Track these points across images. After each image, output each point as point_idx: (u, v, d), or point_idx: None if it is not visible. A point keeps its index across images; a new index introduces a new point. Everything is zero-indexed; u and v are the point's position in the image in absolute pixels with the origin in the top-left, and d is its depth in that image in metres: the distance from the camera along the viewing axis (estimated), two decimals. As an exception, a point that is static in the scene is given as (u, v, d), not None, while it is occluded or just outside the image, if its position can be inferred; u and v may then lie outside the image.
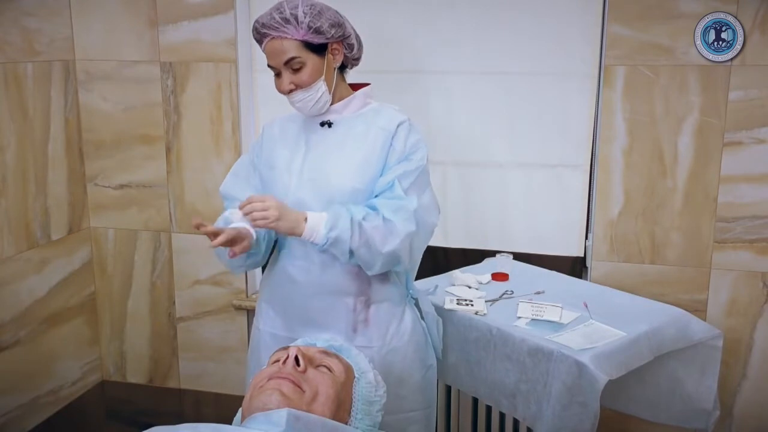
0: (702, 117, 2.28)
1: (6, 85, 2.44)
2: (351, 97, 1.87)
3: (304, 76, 1.78)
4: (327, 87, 1.80)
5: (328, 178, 1.80)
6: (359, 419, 1.29)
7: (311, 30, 1.76)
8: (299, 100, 1.80)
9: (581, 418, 1.74)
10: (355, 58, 1.91)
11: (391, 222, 1.74)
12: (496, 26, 2.43)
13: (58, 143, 2.69)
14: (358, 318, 1.86)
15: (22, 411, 2.60)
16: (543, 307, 2.00)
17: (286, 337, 1.89)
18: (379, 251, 1.74)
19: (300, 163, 1.84)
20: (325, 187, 1.80)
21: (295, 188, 1.82)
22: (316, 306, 1.86)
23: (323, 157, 1.83)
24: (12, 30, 2.46)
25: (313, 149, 1.85)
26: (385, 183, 1.79)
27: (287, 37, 1.76)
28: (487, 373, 1.95)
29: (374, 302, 1.86)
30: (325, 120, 1.86)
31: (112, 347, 2.97)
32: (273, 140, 1.92)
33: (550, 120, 2.45)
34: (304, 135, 1.88)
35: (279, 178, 1.86)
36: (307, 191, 1.81)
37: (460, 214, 2.59)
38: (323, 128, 1.86)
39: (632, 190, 2.38)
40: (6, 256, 2.48)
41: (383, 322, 1.87)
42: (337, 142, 1.84)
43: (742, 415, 2.44)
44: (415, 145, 1.84)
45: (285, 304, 1.90)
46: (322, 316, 1.86)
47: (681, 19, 2.23)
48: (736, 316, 2.37)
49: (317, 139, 1.86)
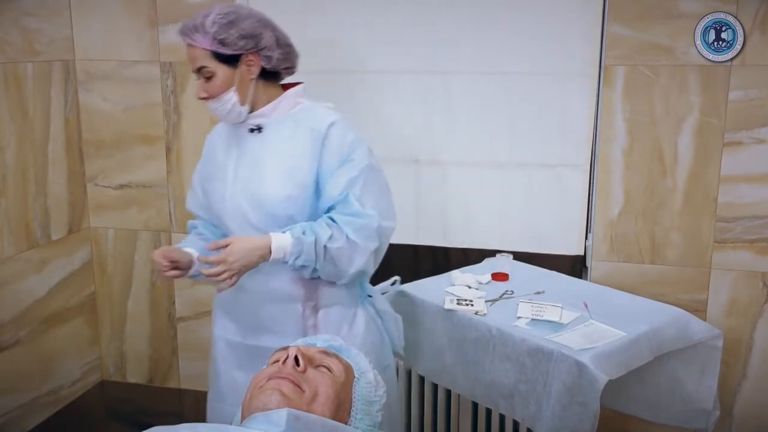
0: (702, 117, 2.28)
1: (6, 85, 2.44)
2: (279, 98, 1.83)
3: (213, 86, 1.75)
4: (239, 98, 1.76)
5: (261, 186, 1.78)
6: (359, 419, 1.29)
7: (216, 41, 1.72)
8: (213, 109, 1.79)
9: (581, 418, 1.74)
10: (285, 67, 1.84)
11: (355, 243, 1.73)
12: (496, 26, 2.43)
13: (58, 143, 2.69)
14: (308, 323, 1.85)
15: (22, 411, 2.60)
16: (543, 307, 2.00)
17: (239, 342, 1.91)
18: (346, 271, 1.76)
19: (233, 171, 1.83)
20: (260, 195, 1.78)
21: (231, 196, 1.81)
22: (265, 313, 1.86)
23: (255, 164, 1.81)
24: (12, 30, 2.46)
25: (244, 155, 1.83)
26: (337, 194, 1.74)
27: (197, 46, 1.73)
28: (485, 373, 1.95)
29: (323, 307, 1.85)
30: (253, 125, 1.82)
31: (112, 347, 2.97)
32: (212, 149, 1.91)
33: (550, 120, 2.45)
34: (236, 141, 1.85)
35: (216, 187, 1.85)
36: (243, 199, 1.80)
37: (460, 214, 2.59)
38: (252, 134, 1.83)
39: (632, 190, 2.38)
40: (6, 256, 2.48)
41: (333, 326, 1.86)
42: (268, 147, 1.80)
43: (742, 415, 2.44)
44: (352, 144, 1.78)
45: (236, 310, 1.91)
46: (272, 323, 1.86)
47: (681, 19, 2.23)
48: (736, 316, 2.37)
49: (248, 145, 1.83)
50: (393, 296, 2.20)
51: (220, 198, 1.84)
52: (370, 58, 2.56)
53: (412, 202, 2.62)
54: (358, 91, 2.58)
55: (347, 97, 2.60)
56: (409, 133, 2.58)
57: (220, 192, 1.84)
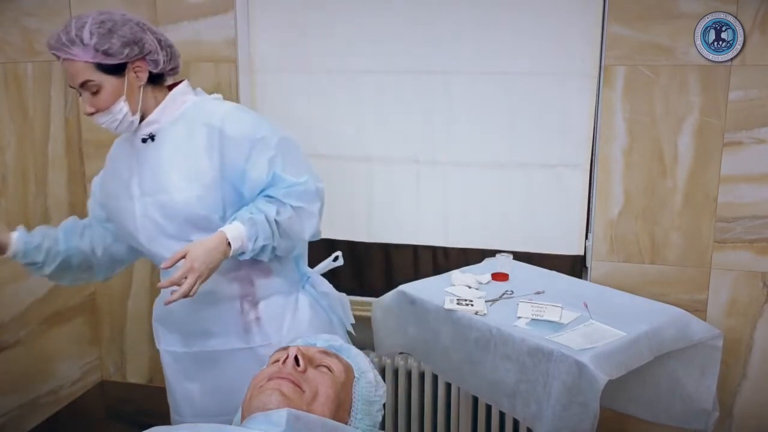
0: (702, 117, 2.28)
1: (6, 85, 2.44)
2: (165, 101, 1.77)
3: (101, 99, 1.67)
4: (130, 107, 1.71)
5: (170, 195, 1.73)
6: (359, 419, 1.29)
7: (99, 52, 1.63)
8: (102, 122, 1.72)
9: (581, 418, 1.74)
10: (171, 68, 1.79)
11: (301, 208, 1.73)
12: (496, 26, 2.43)
13: (58, 143, 2.69)
14: (248, 318, 1.84)
15: (22, 411, 2.60)
16: (543, 307, 2.00)
17: (184, 352, 1.90)
18: (302, 238, 1.78)
19: (138, 186, 1.78)
20: (171, 204, 1.73)
21: (141, 212, 1.77)
22: (204, 317, 1.84)
23: (156, 174, 1.75)
24: (12, 30, 2.46)
25: (144, 167, 1.77)
26: (264, 177, 1.71)
27: (76, 59, 1.64)
28: (487, 372, 1.95)
29: (261, 299, 1.85)
30: (145, 135, 1.77)
31: (112, 347, 2.97)
32: (114, 166, 1.87)
33: (550, 120, 2.45)
34: (134, 153, 1.79)
35: (123, 206, 1.80)
36: (155, 211, 1.76)
37: (460, 214, 2.59)
38: (146, 143, 1.77)
39: (632, 190, 2.38)
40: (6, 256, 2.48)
41: (277, 315, 1.86)
42: (165, 155, 1.75)
43: (742, 415, 2.44)
44: (252, 125, 1.74)
45: (174, 320, 1.89)
46: (213, 325, 1.85)
47: (681, 19, 2.23)
48: (736, 316, 2.37)
49: (144, 156, 1.77)
50: (394, 297, 2.20)
51: (131, 216, 1.79)
52: (370, 58, 2.56)
53: (412, 202, 2.62)
54: (359, 91, 2.58)
55: (348, 97, 2.60)
56: (409, 133, 2.58)
57: (128, 210, 1.79)
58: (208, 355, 1.89)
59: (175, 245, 1.71)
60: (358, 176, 2.64)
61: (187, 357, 1.91)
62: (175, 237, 1.75)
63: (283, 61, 2.60)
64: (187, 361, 1.92)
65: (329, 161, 2.59)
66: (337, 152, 2.61)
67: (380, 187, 2.64)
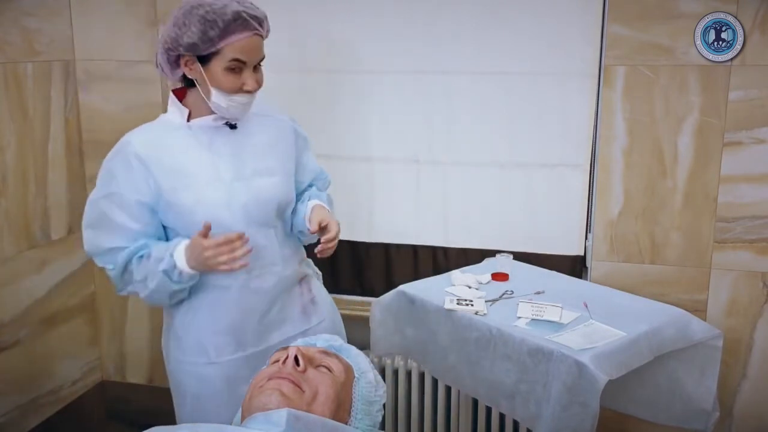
0: (702, 117, 2.28)
1: (6, 85, 2.44)
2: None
3: (261, 76, 1.77)
4: None
5: (269, 180, 1.82)
6: (359, 419, 1.29)
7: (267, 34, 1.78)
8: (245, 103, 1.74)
9: (581, 418, 1.74)
10: None
11: (329, 195, 2.06)
12: (496, 26, 2.43)
13: (58, 143, 2.69)
14: (305, 300, 1.94)
15: (22, 411, 2.60)
16: (543, 307, 2.00)
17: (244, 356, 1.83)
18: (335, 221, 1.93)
19: (228, 172, 1.77)
20: (263, 188, 1.80)
21: (233, 196, 1.76)
22: (275, 307, 1.86)
23: (245, 160, 1.79)
24: (12, 30, 2.46)
25: (228, 154, 1.78)
26: (317, 170, 2.03)
27: (263, 36, 1.74)
28: (486, 373, 1.95)
29: (306, 281, 1.97)
30: (231, 122, 1.81)
31: (112, 347, 2.97)
32: (160, 161, 1.73)
33: (550, 120, 2.45)
34: (206, 142, 1.77)
35: (207, 194, 1.74)
36: (246, 196, 1.77)
37: (460, 214, 2.59)
38: (230, 130, 1.80)
39: (632, 190, 2.38)
40: (6, 256, 2.48)
41: (323, 294, 2.01)
42: (249, 142, 1.82)
43: (742, 415, 2.44)
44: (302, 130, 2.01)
45: (244, 322, 1.82)
46: (279, 314, 1.87)
47: (681, 19, 2.23)
48: (736, 316, 2.37)
49: (226, 144, 1.79)
50: (393, 296, 2.20)
51: (220, 200, 1.74)
52: (370, 58, 2.56)
53: (412, 202, 2.62)
54: (359, 91, 2.58)
55: (348, 97, 2.60)
56: (409, 133, 2.58)
57: (217, 196, 1.74)
58: (268, 352, 1.84)
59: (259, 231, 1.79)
60: (359, 176, 2.64)
61: (246, 362, 1.83)
62: (261, 223, 1.81)
63: (283, 61, 2.60)
64: (246, 367, 1.81)
65: (329, 161, 2.58)
66: (337, 152, 2.61)
67: (380, 187, 2.64)
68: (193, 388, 1.88)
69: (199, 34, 1.63)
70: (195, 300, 1.82)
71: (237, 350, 1.84)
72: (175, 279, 1.70)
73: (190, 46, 1.66)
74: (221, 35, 1.64)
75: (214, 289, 1.80)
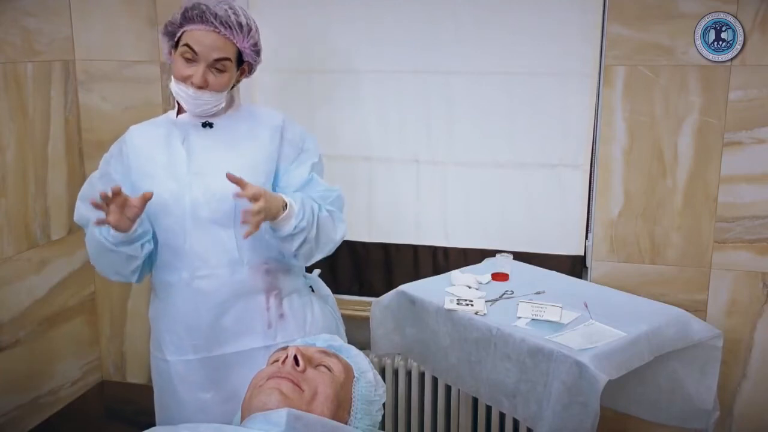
0: (702, 117, 2.28)
1: (6, 85, 2.44)
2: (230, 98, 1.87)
3: (220, 82, 1.76)
4: (225, 99, 1.81)
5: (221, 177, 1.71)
6: (359, 419, 1.29)
7: (251, 48, 1.79)
8: (202, 101, 1.76)
9: (581, 418, 1.74)
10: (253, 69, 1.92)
11: (334, 212, 1.85)
12: (496, 26, 2.43)
13: (58, 143, 2.69)
14: (272, 314, 1.85)
15: (22, 411, 2.60)
16: (543, 307, 2.00)
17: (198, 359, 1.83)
18: (332, 239, 1.84)
19: (185, 165, 1.79)
20: (219, 186, 1.72)
21: (185, 190, 1.77)
22: (228, 314, 1.81)
23: (210, 157, 1.79)
24: (12, 30, 2.46)
25: (196, 150, 1.80)
26: (303, 178, 1.83)
27: (230, 40, 1.74)
28: (487, 372, 1.95)
29: (286, 295, 1.87)
30: (206, 121, 1.83)
31: (112, 347, 2.97)
32: (138, 150, 1.84)
33: (550, 120, 2.45)
34: (180, 136, 1.82)
35: (163, 183, 1.77)
36: (199, 191, 1.77)
37: (460, 214, 2.59)
38: (204, 129, 1.82)
39: (632, 190, 2.38)
40: (6, 256, 2.48)
41: (299, 313, 1.89)
42: (223, 142, 1.81)
43: (742, 415, 2.44)
44: (302, 133, 1.89)
45: (191, 323, 1.82)
46: (236, 323, 1.82)
47: (681, 19, 2.23)
48: (736, 316, 2.37)
49: (198, 140, 1.81)
50: (393, 296, 2.20)
51: (171, 193, 1.77)
52: (370, 58, 2.56)
53: (412, 202, 2.63)
54: (359, 91, 2.58)
55: (348, 97, 2.60)
56: (409, 133, 2.58)
57: (169, 188, 1.77)
58: (224, 360, 1.83)
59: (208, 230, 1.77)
60: (359, 176, 2.64)
61: (199, 365, 1.84)
62: (212, 221, 1.78)
63: (283, 61, 2.60)
64: (200, 370, 1.84)
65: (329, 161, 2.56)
66: (338, 152, 2.61)
67: (381, 187, 2.64)
68: (157, 381, 1.94)
69: (172, 19, 1.79)
70: (156, 293, 1.90)
71: (188, 352, 1.84)
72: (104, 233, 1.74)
73: (168, 31, 1.82)
74: (181, 22, 1.77)
75: (163, 284, 1.86)
